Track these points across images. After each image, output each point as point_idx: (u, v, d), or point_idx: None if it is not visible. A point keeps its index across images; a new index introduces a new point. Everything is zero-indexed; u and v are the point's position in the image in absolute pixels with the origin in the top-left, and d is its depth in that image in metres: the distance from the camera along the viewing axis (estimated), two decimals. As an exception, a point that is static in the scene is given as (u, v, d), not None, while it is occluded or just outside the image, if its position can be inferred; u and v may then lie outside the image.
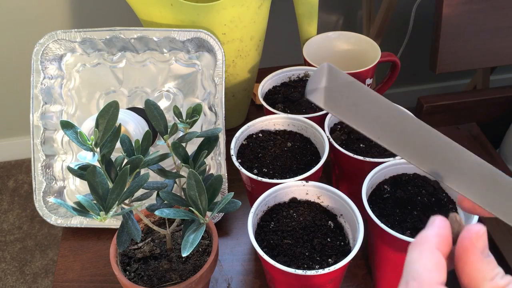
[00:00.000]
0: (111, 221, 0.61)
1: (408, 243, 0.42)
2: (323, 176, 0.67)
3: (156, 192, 0.45)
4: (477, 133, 0.81)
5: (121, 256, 0.48)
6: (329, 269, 0.41)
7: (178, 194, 0.46)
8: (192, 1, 0.69)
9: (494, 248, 0.62)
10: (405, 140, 0.26)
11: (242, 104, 0.75)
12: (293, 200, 0.51)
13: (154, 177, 0.54)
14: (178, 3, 0.59)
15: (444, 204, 0.48)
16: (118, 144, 0.42)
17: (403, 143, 0.26)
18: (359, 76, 0.69)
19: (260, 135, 0.59)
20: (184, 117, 0.46)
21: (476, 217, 0.45)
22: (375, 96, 0.25)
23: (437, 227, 0.25)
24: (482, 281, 0.23)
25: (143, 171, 0.43)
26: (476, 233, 0.24)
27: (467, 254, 0.24)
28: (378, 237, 0.46)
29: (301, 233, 0.47)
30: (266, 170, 0.54)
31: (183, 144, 0.44)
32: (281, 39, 1.43)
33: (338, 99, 0.25)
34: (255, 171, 0.54)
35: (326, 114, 0.59)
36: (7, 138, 1.66)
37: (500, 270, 0.24)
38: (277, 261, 0.42)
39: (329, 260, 0.45)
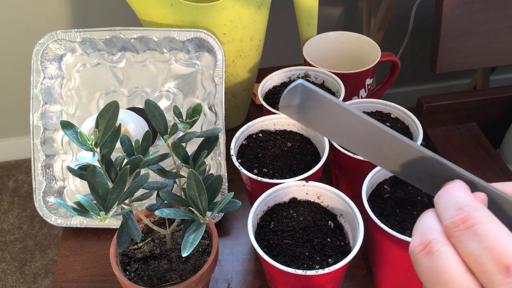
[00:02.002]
0: (111, 221, 0.61)
1: (408, 243, 0.42)
2: (323, 176, 0.67)
3: (156, 192, 0.45)
4: (477, 133, 0.81)
5: (121, 256, 0.48)
6: (329, 269, 0.41)
7: (178, 194, 0.46)
8: (192, 1, 0.69)
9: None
10: (376, 149, 0.28)
11: (242, 104, 0.75)
12: (293, 200, 0.51)
13: (154, 177, 0.54)
14: (178, 3, 0.59)
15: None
16: (118, 144, 0.42)
17: (374, 152, 0.28)
18: (359, 76, 0.69)
19: (260, 135, 0.59)
20: (184, 117, 0.46)
21: None
22: (347, 110, 0.26)
23: (461, 181, 0.27)
24: None
25: (143, 171, 0.43)
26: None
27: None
28: (378, 237, 0.46)
29: (301, 233, 0.47)
30: (266, 170, 0.54)
31: (183, 144, 0.44)
32: (281, 39, 1.43)
33: (310, 114, 0.26)
34: (255, 171, 0.54)
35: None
36: (7, 138, 1.66)
37: None
38: (277, 261, 0.42)
39: (329, 260, 0.45)
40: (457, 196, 0.26)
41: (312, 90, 0.25)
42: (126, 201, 0.42)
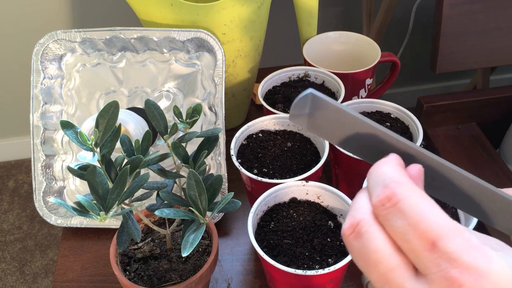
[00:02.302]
0: (111, 221, 0.61)
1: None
2: (323, 176, 0.67)
3: (156, 192, 0.45)
4: (477, 133, 0.81)
5: (121, 256, 0.48)
6: (329, 269, 0.41)
7: (178, 194, 0.46)
8: (192, 1, 0.69)
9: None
10: (383, 154, 0.27)
11: (242, 104, 0.75)
12: (293, 200, 0.51)
13: (154, 177, 0.54)
14: (178, 3, 0.59)
15: (444, 205, 0.48)
16: (118, 144, 0.42)
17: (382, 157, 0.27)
18: (359, 76, 0.69)
19: (260, 135, 0.59)
20: (184, 117, 0.46)
21: (475, 220, 0.45)
22: (358, 119, 0.26)
23: (393, 154, 0.26)
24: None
25: (143, 171, 0.43)
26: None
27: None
28: (378, 237, 0.46)
29: (301, 233, 0.47)
30: (266, 170, 0.54)
31: (183, 144, 0.44)
32: (281, 39, 1.43)
33: (321, 122, 0.26)
34: (255, 171, 0.54)
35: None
36: (7, 138, 1.66)
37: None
38: (277, 261, 0.42)
39: (329, 260, 0.45)
40: (384, 172, 0.24)
41: (322, 99, 0.25)
42: (126, 201, 0.42)
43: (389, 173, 0.24)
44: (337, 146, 0.28)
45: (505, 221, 0.26)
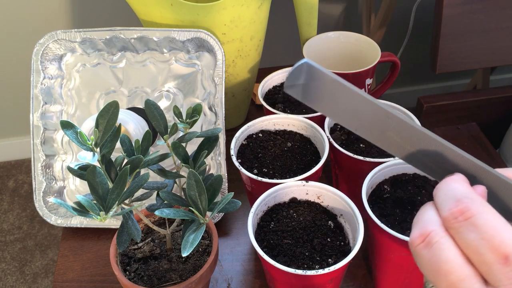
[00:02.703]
0: (111, 221, 0.61)
1: (408, 243, 0.42)
2: (323, 176, 0.67)
3: (156, 192, 0.45)
4: (477, 133, 0.81)
5: (121, 256, 0.48)
6: (329, 269, 0.41)
7: (178, 194, 0.46)
8: (192, 1, 0.69)
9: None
10: (380, 131, 0.28)
11: (242, 104, 0.75)
12: (293, 200, 0.51)
13: (154, 177, 0.54)
14: (178, 3, 0.59)
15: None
16: (118, 144, 0.42)
17: (378, 134, 0.28)
18: (359, 76, 0.69)
19: (260, 135, 0.59)
20: (184, 117, 0.46)
21: None
22: (351, 90, 0.26)
23: (460, 175, 0.28)
24: None
25: (143, 171, 0.43)
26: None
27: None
28: (378, 237, 0.46)
29: (301, 233, 0.47)
30: (266, 170, 0.54)
31: (183, 144, 0.44)
32: (281, 39, 1.43)
33: (315, 93, 0.26)
34: (255, 171, 0.54)
35: (326, 114, 0.59)
36: (7, 138, 1.66)
37: None
38: (277, 261, 0.42)
39: (329, 260, 0.45)
40: (455, 188, 0.26)
41: (317, 69, 0.25)
42: (126, 201, 0.42)
43: (461, 189, 0.26)
44: (331, 119, 0.28)
45: None
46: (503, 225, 0.24)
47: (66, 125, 0.40)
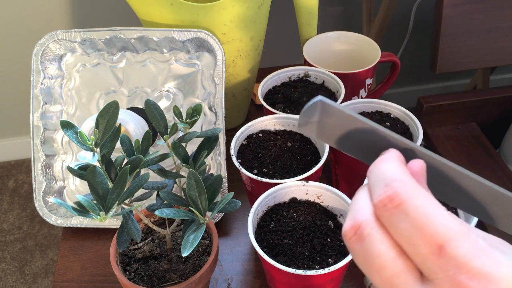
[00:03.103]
0: (111, 221, 0.61)
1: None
2: (323, 176, 0.67)
3: (156, 192, 0.45)
4: (477, 133, 0.81)
5: (121, 256, 0.48)
6: (329, 269, 0.41)
7: (178, 194, 0.46)
8: (192, 1, 0.69)
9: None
10: None
11: (242, 104, 0.75)
12: (293, 200, 0.51)
13: (154, 177, 0.54)
14: (178, 3, 0.59)
15: (444, 205, 0.48)
16: (118, 144, 0.42)
17: None
18: (359, 76, 0.69)
19: (260, 135, 0.59)
20: (184, 117, 0.46)
21: (475, 219, 0.45)
22: (368, 124, 0.25)
23: (394, 150, 0.25)
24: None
25: (143, 171, 0.43)
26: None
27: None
28: (378, 237, 0.46)
29: (301, 233, 0.47)
30: (266, 170, 0.54)
31: (183, 144, 0.44)
32: (281, 39, 1.43)
33: (330, 129, 0.25)
34: (255, 171, 0.54)
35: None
36: (7, 138, 1.66)
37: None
38: (277, 261, 0.42)
39: (329, 260, 0.45)
40: (385, 170, 0.23)
41: (332, 106, 0.24)
42: (126, 201, 0.42)
43: (391, 171, 0.23)
44: (347, 154, 0.27)
45: (509, 221, 0.26)
46: (437, 211, 0.21)
47: (66, 125, 0.40)
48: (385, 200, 0.22)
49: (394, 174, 0.23)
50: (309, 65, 0.70)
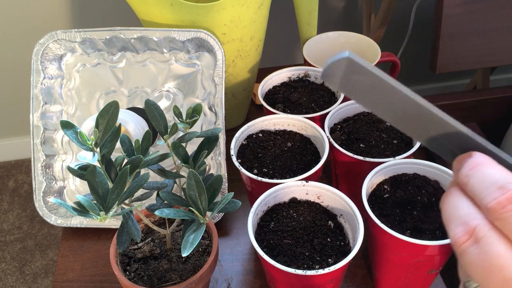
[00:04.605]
0: (111, 221, 0.61)
1: (408, 243, 0.42)
2: (323, 176, 0.67)
3: (156, 192, 0.45)
4: (477, 133, 0.81)
5: (121, 256, 0.48)
6: (329, 269, 0.41)
7: (178, 194, 0.46)
8: (192, 1, 0.69)
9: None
10: (422, 129, 0.27)
11: (242, 104, 0.75)
12: (293, 200, 0.51)
13: (154, 177, 0.54)
14: (178, 3, 0.59)
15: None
16: (118, 144, 0.42)
17: (420, 132, 0.27)
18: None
19: (260, 135, 0.59)
20: (184, 117, 0.46)
21: None
22: (397, 89, 0.25)
23: (481, 154, 0.25)
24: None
25: (143, 171, 0.43)
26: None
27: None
28: (378, 237, 0.46)
29: (301, 233, 0.47)
30: (266, 170, 0.54)
31: (183, 144, 0.44)
32: (281, 39, 1.43)
33: (354, 86, 0.25)
34: (255, 171, 0.54)
35: (326, 114, 0.59)
36: (7, 138, 1.66)
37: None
38: (277, 261, 0.42)
39: (329, 260, 0.45)
40: (493, 174, 0.23)
41: (361, 65, 0.24)
42: (126, 201, 0.42)
43: (499, 174, 0.23)
44: (368, 110, 0.27)
45: None
46: None
47: (66, 125, 0.40)
48: (504, 201, 0.22)
49: (505, 176, 0.23)
50: (309, 65, 0.70)
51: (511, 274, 0.22)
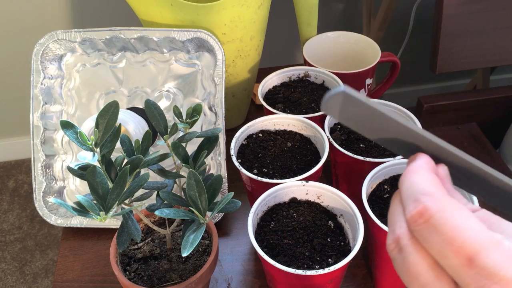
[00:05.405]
0: (111, 221, 0.61)
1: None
2: (323, 176, 0.67)
3: (156, 192, 0.45)
4: (477, 133, 0.81)
5: (121, 256, 0.48)
6: (329, 269, 0.41)
7: (178, 194, 0.46)
8: (192, 1, 0.69)
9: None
10: (411, 150, 0.28)
11: (242, 104, 0.75)
12: (293, 200, 0.51)
13: (154, 177, 0.54)
14: (178, 3, 0.59)
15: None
16: (118, 144, 0.42)
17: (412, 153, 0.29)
18: (359, 76, 0.69)
19: (260, 135, 0.59)
20: (184, 117, 0.46)
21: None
22: (390, 118, 0.26)
23: (424, 157, 0.26)
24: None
25: (143, 171, 0.43)
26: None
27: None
28: (378, 237, 0.46)
29: (301, 233, 0.47)
30: (266, 170, 0.54)
31: (183, 144, 0.44)
32: (281, 39, 1.43)
33: (352, 117, 0.27)
34: (255, 171, 0.54)
35: (326, 114, 0.59)
36: (7, 138, 1.66)
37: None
38: (277, 261, 0.42)
39: (329, 260, 0.45)
40: (415, 184, 0.25)
41: (356, 98, 0.26)
42: (126, 201, 0.42)
43: (420, 185, 0.24)
44: (370, 139, 0.28)
45: None
46: (465, 222, 0.22)
47: (66, 125, 0.40)
48: (415, 216, 0.23)
49: (423, 187, 0.24)
50: (309, 65, 0.70)
51: (426, 280, 0.24)
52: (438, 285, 0.23)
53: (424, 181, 0.24)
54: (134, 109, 0.63)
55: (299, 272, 0.41)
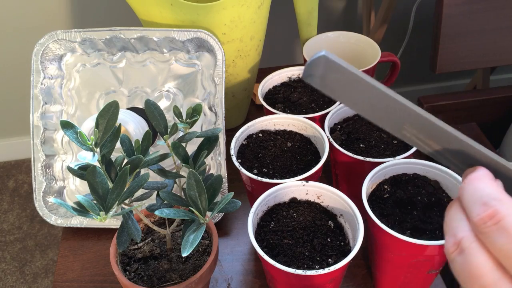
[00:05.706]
0: (111, 221, 0.61)
1: (408, 243, 0.42)
2: (323, 176, 0.67)
3: (156, 192, 0.45)
4: (477, 133, 0.81)
5: (121, 256, 0.48)
6: (329, 269, 0.41)
7: (178, 194, 0.46)
8: (192, 1, 0.69)
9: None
10: (398, 124, 0.28)
11: (242, 104, 0.75)
12: (293, 200, 0.51)
13: (154, 177, 0.54)
14: (178, 3, 0.59)
15: (444, 204, 0.48)
16: (118, 144, 0.42)
17: (397, 127, 0.28)
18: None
19: (260, 135, 0.59)
20: (184, 117, 0.46)
21: None
22: (369, 83, 0.26)
23: (483, 168, 0.27)
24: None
25: (143, 171, 0.43)
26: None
27: None
28: (378, 237, 0.46)
29: (301, 233, 0.47)
30: (266, 170, 0.54)
31: (183, 144, 0.44)
32: (281, 39, 1.43)
33: (333, 84, 0.26)
34: (255, 171, 0.54)
35: (326, 114, 0.59)
36: (7, 138, 1.66)
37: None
38: (277, 261, 0.42)
39: (329, 260, 0.45)
40: (481, 189, 0.26)
41: (335, 62, 0.25)
42: (126, 201, 0.42)
43: (487, 190, 0.26)
44: (349, 108, 0.28)
45: None
46: None
47: (66, 125, 0.40)
48: (485, 218, 0.25)
49: (491, 192, 0.25)
50: (309, 65, 0.70)
51: (487, 282, 0.25)
52: (501, 285, 0.24)
53: (491, 188, 0.26)
54: (134, 109, 0.63)
55: (299, 272, 0.41)
